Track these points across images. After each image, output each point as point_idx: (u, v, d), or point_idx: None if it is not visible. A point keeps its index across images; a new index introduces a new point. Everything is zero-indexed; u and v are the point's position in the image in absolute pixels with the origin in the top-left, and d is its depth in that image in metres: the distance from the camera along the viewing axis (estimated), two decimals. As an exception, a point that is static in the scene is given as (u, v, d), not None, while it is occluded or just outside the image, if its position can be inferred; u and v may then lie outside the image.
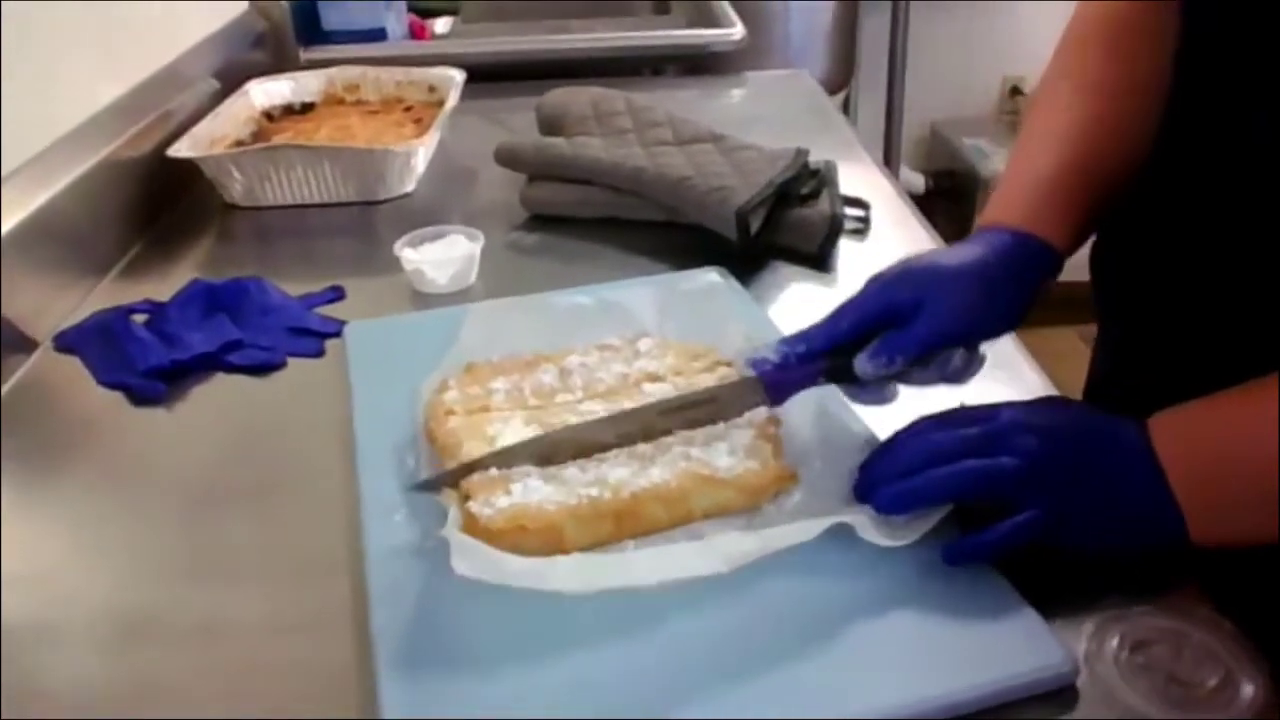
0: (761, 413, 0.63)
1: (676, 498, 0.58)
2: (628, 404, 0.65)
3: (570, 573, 0.53)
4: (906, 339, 0.59)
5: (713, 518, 0.60)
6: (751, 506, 0.60)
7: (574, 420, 0.64)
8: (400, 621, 0.54)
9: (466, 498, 0.58)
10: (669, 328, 0.74)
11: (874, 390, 0.61)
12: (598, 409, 0.65)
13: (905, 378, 0.61)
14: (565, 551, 0.56)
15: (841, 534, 0.56)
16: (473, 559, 0.52)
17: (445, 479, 0.59)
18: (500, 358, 0.71)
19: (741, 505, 0.60)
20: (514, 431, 0.63)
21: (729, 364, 0.68)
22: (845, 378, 0.61)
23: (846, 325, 0.61)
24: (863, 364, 0.59)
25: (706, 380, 0.67)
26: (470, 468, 0.59)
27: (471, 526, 0.56)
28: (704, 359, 0.69)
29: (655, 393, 0.66)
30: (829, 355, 0.61)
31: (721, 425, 0.63)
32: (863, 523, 0.55)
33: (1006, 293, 0.61)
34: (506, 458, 0.60)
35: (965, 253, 0.62)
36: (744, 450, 0.61)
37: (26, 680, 0.55)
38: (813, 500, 0.60)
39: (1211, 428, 0.55)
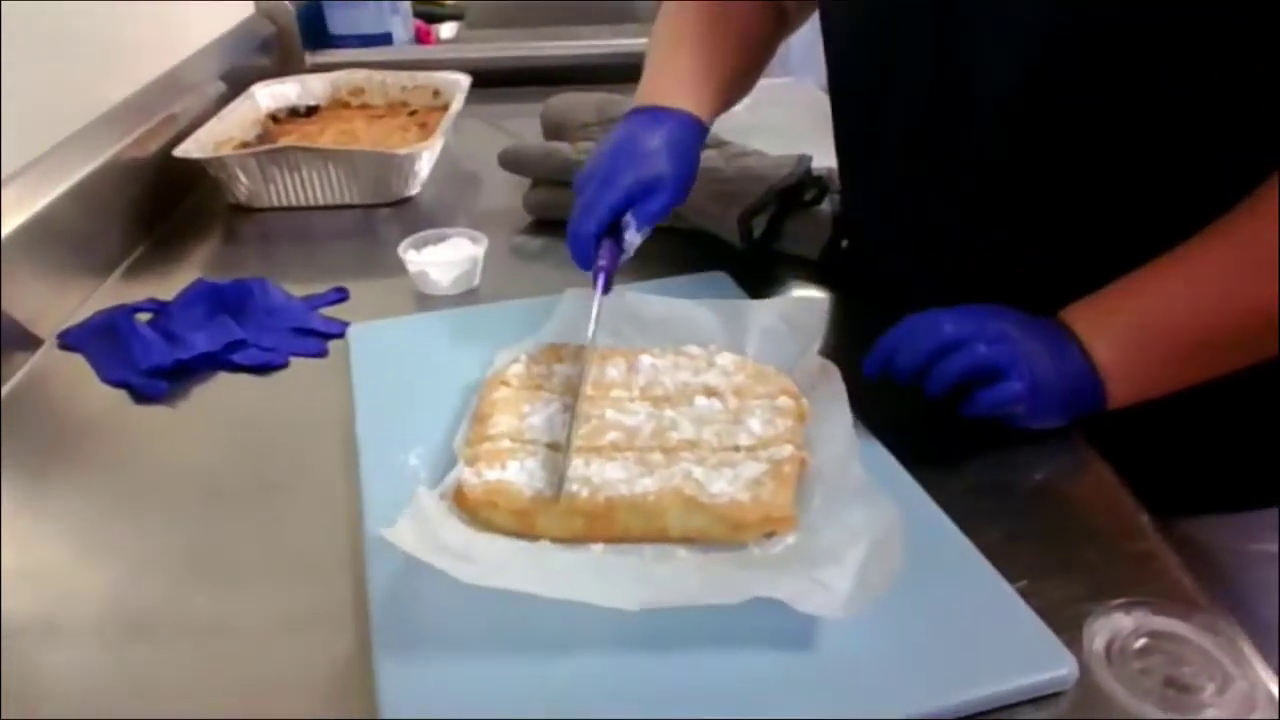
0: (786, 449, 0.61)
1: (653, 512, 0.58)
2: (669, 412, 0.65)
3: (482, 565, 0.54)
4: (656, 209, 0.76)
5: (695, 543, 0.58)
6: (734, 540, 0.58)
7: (612, 415, 0.64)
8: (400, 621, 0.54)
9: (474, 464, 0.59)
10: (765, 350, 0.72)
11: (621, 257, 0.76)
12: (641, 410, 0.65)
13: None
14: (536, 537, 0.58)
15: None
16: (412, 526, 0.55)
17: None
18: (578, 344, 0.72)
19: (721, 536, 0.57)
20: (548, 414, 0.64)
21: (794, 395, 0.66)
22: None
23: (605, 213, 0.74)
24: (631, 234, 0.75)
25: (761, 405, 0.65)
26: None
27: (459, 493, 0.58)
28: (772, 384, 0.67)
29: (704, 406, 0.65)
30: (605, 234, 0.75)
31: (741, 453, 0.61)
32: (803, 595, 0.51)
33: (691, 162, 0.80)
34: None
35: (659, 138, 0.78)
36: (745, 481, 0.59)
37: (27, 678, 0.55)
38: (802, 553, 0.56)
39: (1121, 308, 0.64)
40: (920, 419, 0.66)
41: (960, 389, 0.63)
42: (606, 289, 0.73)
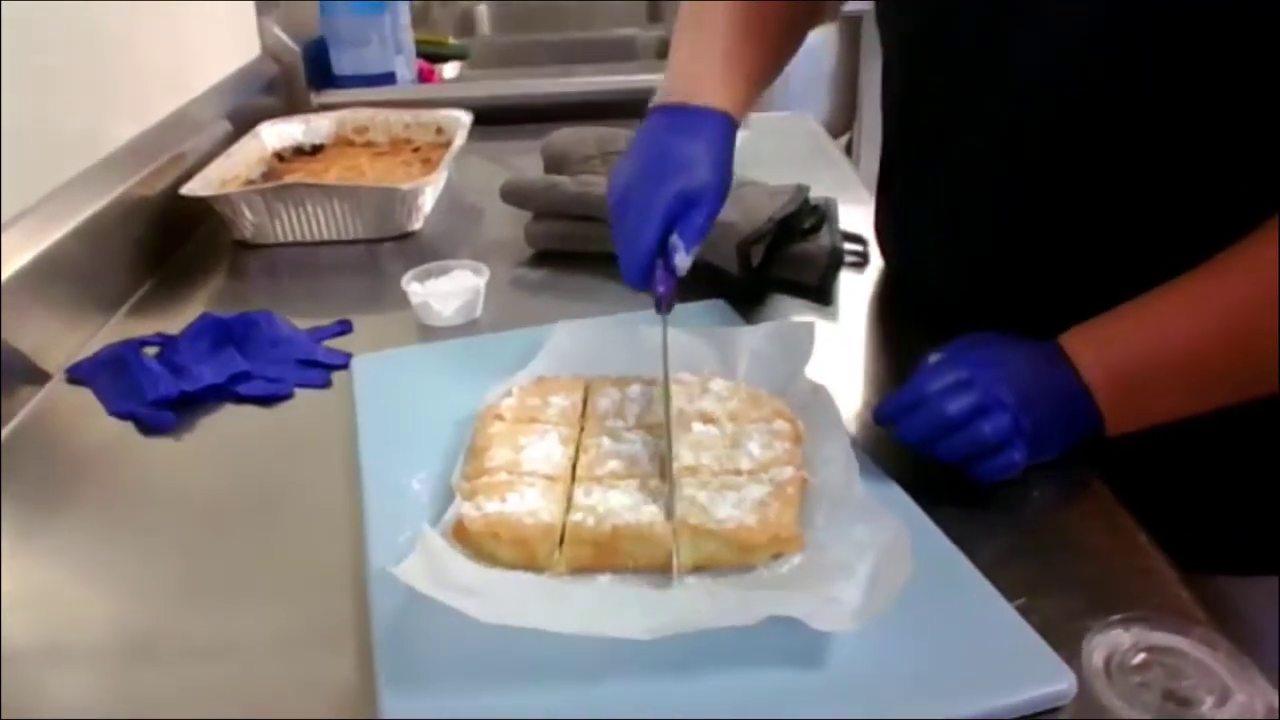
0: (788, 470, 0.61)
1: (662, 540, 0.58)
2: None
3: (494, 601, 0.54)
4: (701, 223, 0.73)
5: (703, 569, 0.58)
6: (742, 563, 0.58)
7: (609, 443, 0.65)
8: (403, 647, 0.54)
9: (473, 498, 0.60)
10: (756, 374, 0.73)
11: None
12: (637, 439, 0.66)
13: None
14: (540, 568, 0.58)
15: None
16: (421, 563, 0.55)
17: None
18: (570, 375, 0.73)
19: (730, 560, 0.58)
20: (544, 445, 0.64)
21: (789, 418, 0.67)
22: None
23: (653, 237, 0.71)
24: (681, 257, 0.72)
25: (758, 429, 0.65)
26: None
27: (460, 527, 0.58)
28: (766, 408, 0.68)
29: (701, 432, 0.65)
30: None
31: (743, 477, 0.61)
32: (815, 612, 0.52)
33: (728, 164, 0.77)
34: None
35: (693, 144, 0.75)
36: (750, 504, 0.59)
37: (33, 700, 0.55)
38: (810, 571, 0.57)
39: (1121, 334, 0.64)
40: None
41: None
42: (669, 308, 0.72)
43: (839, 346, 0.86)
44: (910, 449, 0.65)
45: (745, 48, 0.82)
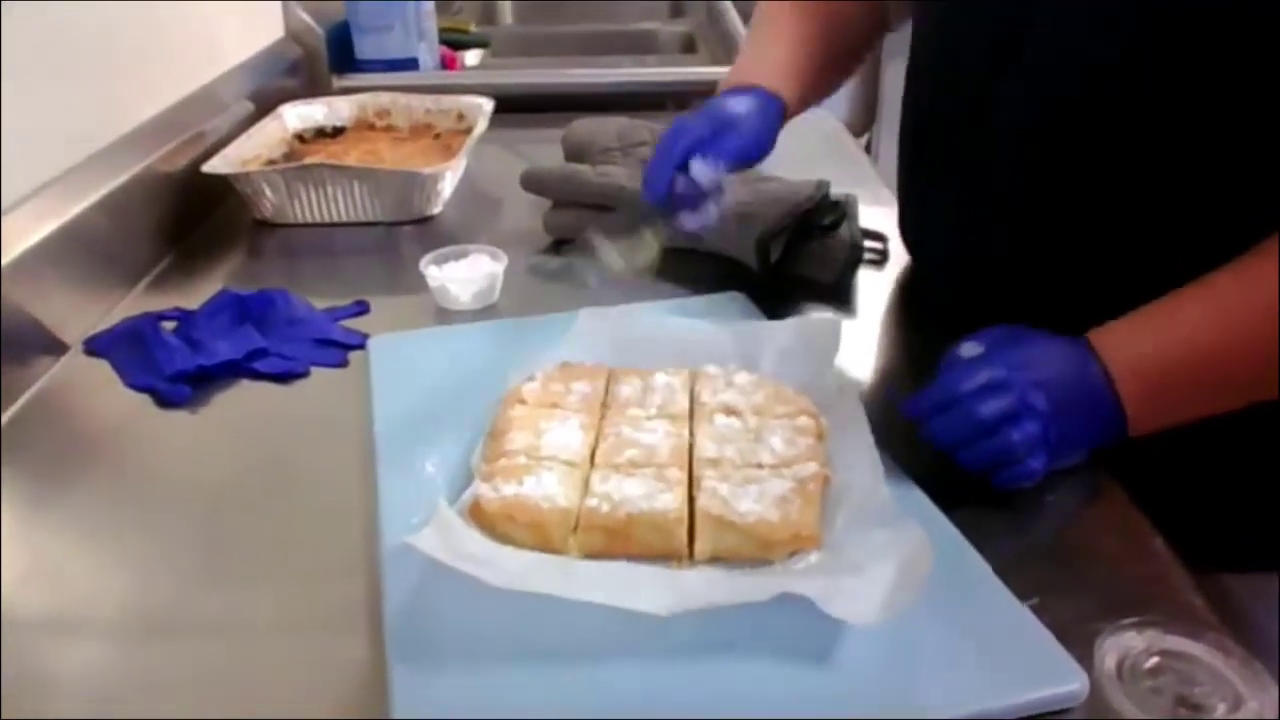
0: (810, 467, 0.61)
1: (676, 529, 0.58)
2: (688, 430, 0.65)
3: (514, 571, 0.54)
4: (729, 149, 0.79)
5: (719, 561, 0.58)
6: (760, 558, 0.58)
7: (628, 432, 0.65)
8: (415, 626, 0.55)
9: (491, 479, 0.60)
10: (781, 370, 0.73)
11: (700, 209, 0.79)
12: (659, 429, 0.66)
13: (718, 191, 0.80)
14: (557, 551, 0.58)
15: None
16: (436, 534, 0.55)
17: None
18: (594, 363, 0.73)
19: (748, 554, 0.58)
20: (564, 431, 0.65)
21: (813, 415, 0.66)
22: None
23: (683, 149, 0.78)
24: (699, 166, 0.77)
25: (782, 425, 0.65)
26: None
27: (476, 508, 0.58)
28: (790, 404, 0.67)
29: (724, 425, 0.65)
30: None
31: (764, 471, 0.61)
32: (832, 597, 0.52)
33: (768, 131, 0.84)
34: None
35: (738, 103, 0.83)
36: (772, 499, 0.59)
37: (43, 676, 0.55)
38: (826, 567, 0.56)
39: (1150, 336, 0.64)
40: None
41: None
42: (695, 224, 0.78)
43: (856, 343, 0.85)
44: (926, 447, 0.65)
45: (809, 49, 0.89)
